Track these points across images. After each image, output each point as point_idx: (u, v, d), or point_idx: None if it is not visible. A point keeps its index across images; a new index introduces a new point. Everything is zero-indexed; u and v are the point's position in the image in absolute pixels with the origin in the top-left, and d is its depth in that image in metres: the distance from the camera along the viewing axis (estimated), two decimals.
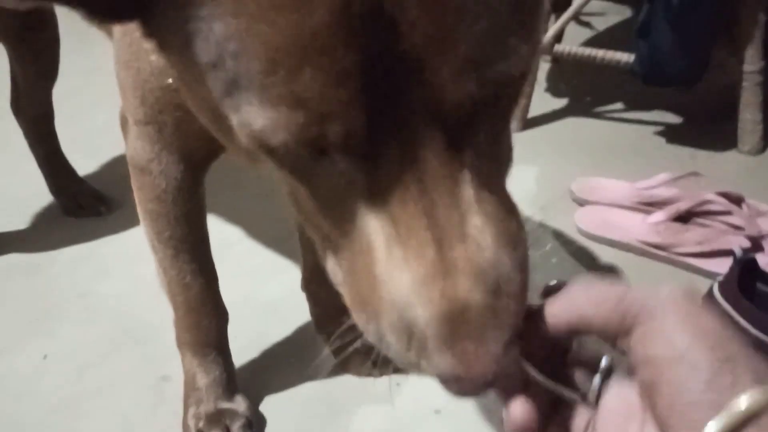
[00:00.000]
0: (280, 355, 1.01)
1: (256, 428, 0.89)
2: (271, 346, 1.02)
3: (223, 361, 0.89)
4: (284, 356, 1.01)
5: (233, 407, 0.88)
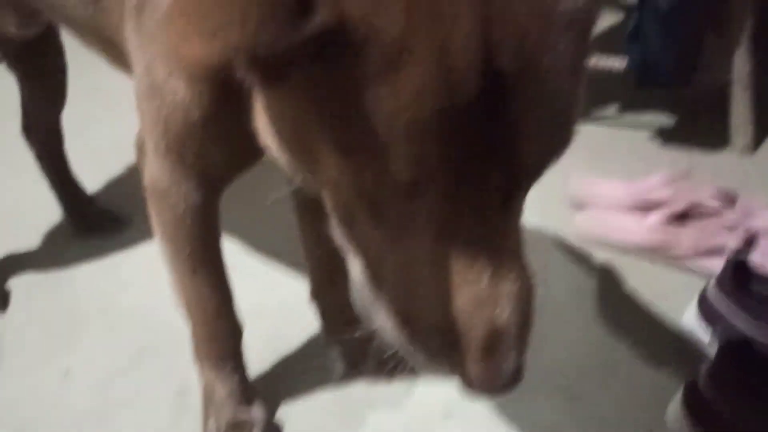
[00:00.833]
0: (294, 361, 1.05)
1: None
2: (285, 353, 1.06)
3: (239, 372, 0.93)
4: (296, 363, 1.05)
5: (251, 416, 0.92)
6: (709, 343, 0.92)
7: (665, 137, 1.50)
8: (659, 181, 1.27)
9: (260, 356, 1.02)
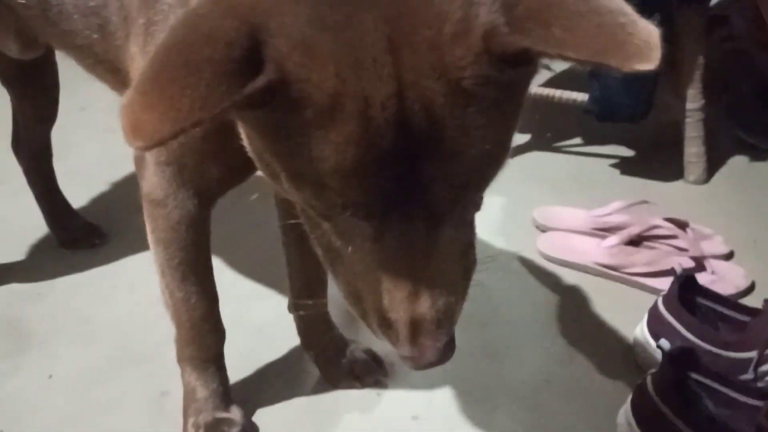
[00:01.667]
0: (270, 371, 1.10)
1: None
2: (261, 363, 1.11)
3: (220, 375, 0.97)
4: (273, 372, 1.10)
5: (230, 416, 0.96)
6: (656, 352, 0.99)
7: (623, 168, 1.59)
8: (617, 207, 1.35)
9: (239, 364, 1.07)
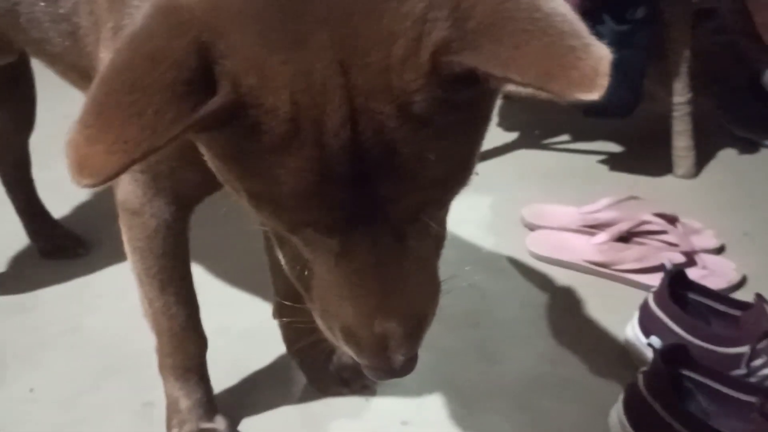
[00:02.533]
0: (255, 379, 1.08)
1: None
2: (247, 371, 1.09)
3: (203, 384, 0.95)
4: (260, 380, 1.08)
5: (215, 427, 0.94)
6: (648, 349, 0.97)
7: (612, 164, 1.58)
8: (606, 203, 1.34)
9: (223, 373, 1.05)
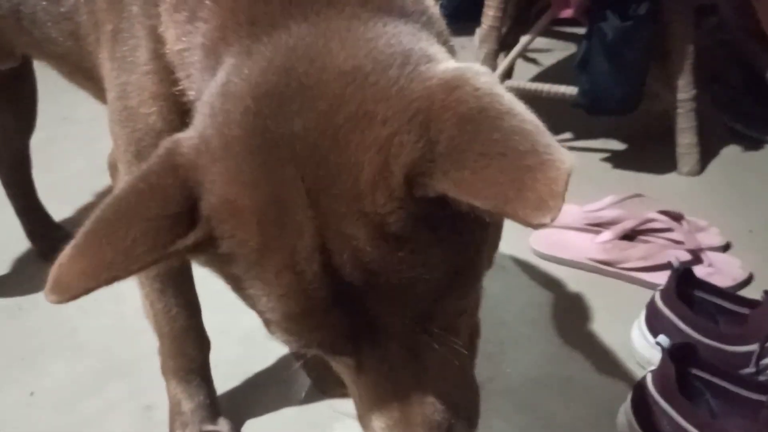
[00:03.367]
0: (258, 381, 1.07)
1: None
2: (250, 373, 1.08)
3: (206, 386, 0.95)
4: (263, 382, 1.07)
5: (217, 429, 0.94)
6: (655, 349, 0.96)
7: (616, 161, 1.57)
8: (610, 202, 1.33)
9: (226, 375, 1.04)
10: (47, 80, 1.26)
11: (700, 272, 1.12)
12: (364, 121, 0.48)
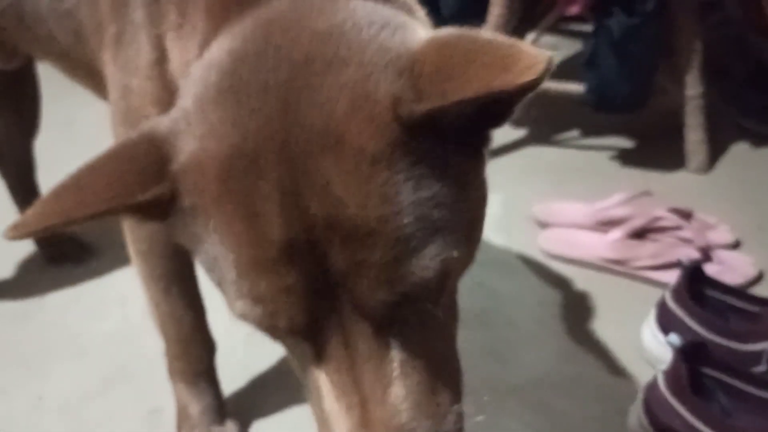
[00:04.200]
0: (265, 381, 1.06)
1: None
2: (256, 373, 1.07)
3: (213, 388, 0.94)
4: (269, 382, 1.06)
5: (225, 431, 0.93)
6: (666, 348, 0.95)
7: (624, 159, 1.56)
8: (619, 200, 1.32)
9: (233, 376, 1.04)
10: (51, 83, 1.25)
11: (710, 270, 1.11)
12: (338, 65, 0.48)
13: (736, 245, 1.27)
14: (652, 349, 1.04)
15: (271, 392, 1.04)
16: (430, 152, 0.48)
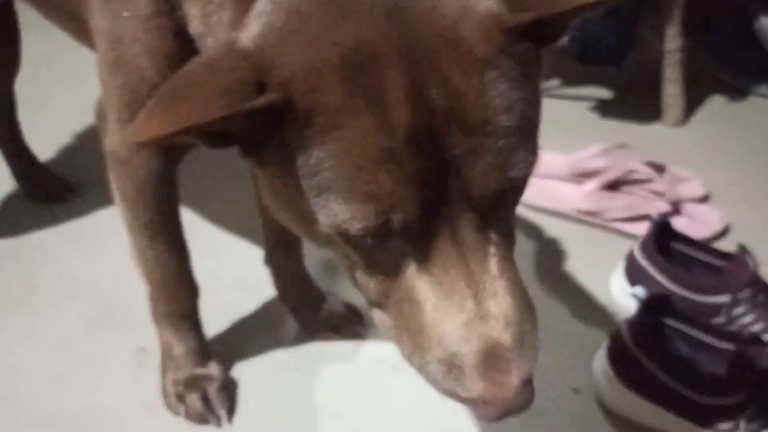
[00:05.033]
0: (248, 325, 1.10)
1: (230, 390, 0.98)
2: (239, 317, 1.10)
3: (196, 331, 0.97)
4: (252, 326, 1.09)
5: (208, 372, 0.96)
6: (632, 298, 1.00)
7: (602, 110, 1.58)
8: (595, 151, 1.34)
9: (216, 319, 1.06)
10: (35, 20, 1.23)
11: (679, 223, 1.15)
12: None
13: (705, 199, 1.31)
14: (619, 299, 1.08)
15: (253, 335, 1.07)
16: (524, 58, 0.54)
